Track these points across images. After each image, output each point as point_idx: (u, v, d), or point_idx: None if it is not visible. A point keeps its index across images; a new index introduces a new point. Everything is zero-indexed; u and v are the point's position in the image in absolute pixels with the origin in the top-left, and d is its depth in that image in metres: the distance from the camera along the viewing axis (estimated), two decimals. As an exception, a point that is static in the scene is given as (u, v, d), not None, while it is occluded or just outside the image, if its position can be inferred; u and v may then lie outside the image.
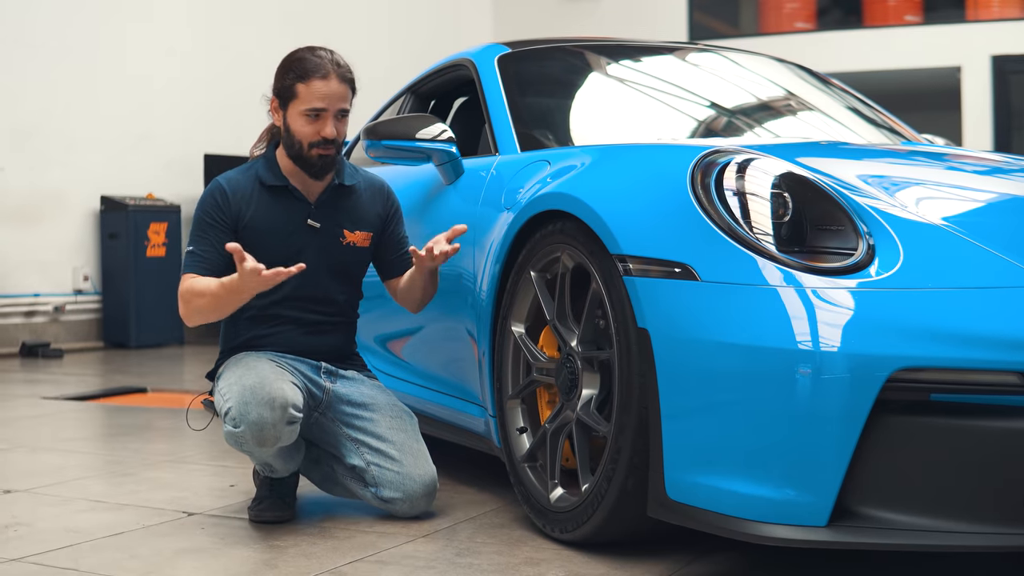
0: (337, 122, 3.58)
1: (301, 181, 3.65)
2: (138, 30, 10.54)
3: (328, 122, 3.56)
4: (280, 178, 3.64)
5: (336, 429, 3.62)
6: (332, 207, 3.69)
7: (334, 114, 3.57)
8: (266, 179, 3.63)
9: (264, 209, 3.61)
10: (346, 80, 3.59)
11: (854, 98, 4.88)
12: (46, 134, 9.78)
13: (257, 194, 3.62)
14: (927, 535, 2.49)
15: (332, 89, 3.55)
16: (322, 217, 3.66)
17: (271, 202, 3.62)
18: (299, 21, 11.94)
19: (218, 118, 11.12)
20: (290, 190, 3.64)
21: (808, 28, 13.19)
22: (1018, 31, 12.20)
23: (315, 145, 3.57)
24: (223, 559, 3.13)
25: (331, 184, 3.69)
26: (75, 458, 4.71)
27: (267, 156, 3.69)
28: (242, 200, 3.60)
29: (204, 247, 3.55)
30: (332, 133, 3.56)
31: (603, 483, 2.96)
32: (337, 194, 3.70)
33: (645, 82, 4.64)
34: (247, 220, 3.58)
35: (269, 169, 3.66)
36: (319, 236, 3.65)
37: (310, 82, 3.55)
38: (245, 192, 3.62)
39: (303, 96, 3.56)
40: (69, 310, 9.97)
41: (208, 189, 3.63)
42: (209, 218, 3.57)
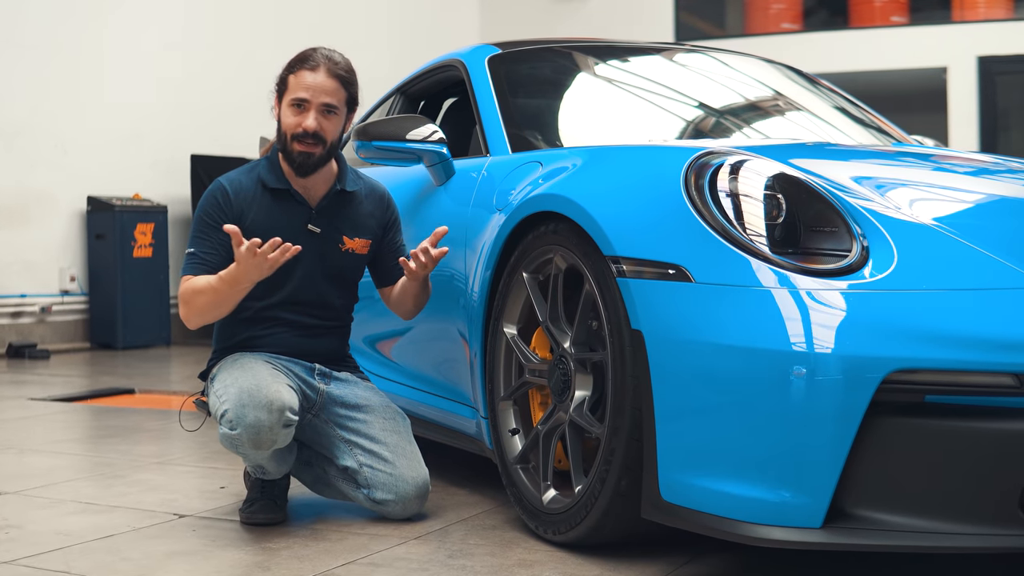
0: (322, 117, 3.55)
1: (302, 185, 3.64)
2: (127, 31, 10.50)
3: (310, 114, 3.53)
4: (282, 181, 3.62)
5: (329, 431, 3.61)
6: (333, 213, 3.67)
7: (318, 108, 3.54)
8: (268, 181, 3.61)
9: (265, 211, 3.60)
10: (337, 76, 3.56)
11: (843, 98, 4.89)
12: (34, 134, 9.75)
13: (259, 195, 3.61)
14: (922, 536, 2.49)
15: (318, 81, 3.53)
16: (322, 223, 3.65)
17: (272, 204, 3.61)
18: (287, 22, 11.92)
19: (205, 119, 11.09)
20: (292, 193, 3.62)
21: (794, 29, 13.21)
22: (1004, 32, 12.23)
23: (296, 138, 3.54)
24: (215, 561, 3.12)
25: (333, 189, 3.67)
26: (64, 460, 4.69)
27: (270, 158, 3.67)
28: (244, 201, 3.58)
29: (205, 249, 3.53)
30: (313, 126, 3.52)
31: (596, 484, 2.95)
32: (338, 200, 3.69)
33: (636, 83, 4.64)
34: (248, 222, 3.55)
35: (271, 171, 3.64)
36: (318, 241, 3.63)
37: (299, 72, 3.55)
38: (247, 193, 3.60)
39: (291, 86, 3.56)
40: (56, 311, 9.94)
41: (210, 189, 3.61)
42: (210, 219, 3.55)
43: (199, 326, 3.52)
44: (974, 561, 3.03)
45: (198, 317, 3.48)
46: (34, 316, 9.77)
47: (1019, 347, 2.48)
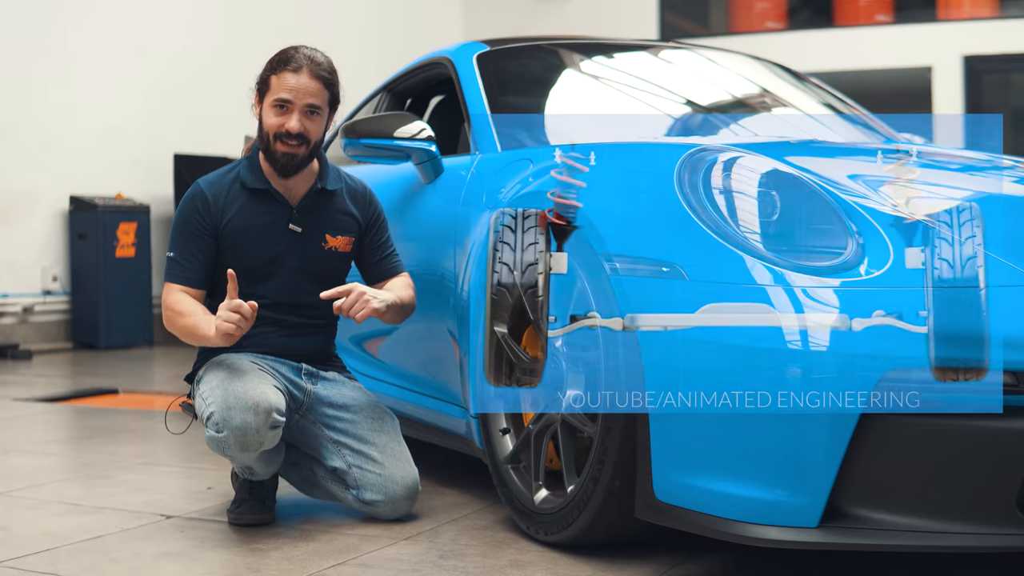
0: (305, 119, 3.53)
1: (282, 184, 3.61)
2: (110, 31, 10.44)
3: (293, 116, 3.51)
4: (262, 180, 3.60)
5: (317, 431, 3.58)
6: (314, 212, 3.64)
7: (301, 109, 3.52)
8: (248, 181, 3.59)
9: (245, 211, 3.57)
10: (319, 78, 3.54)
11: (831, 95, 4.88)
12: (17, 133, 9.68)
13: (238, 196, 3.58)
14: (918, 536, 2.48)
15: (301, 83, 3.51)
16: (304, 222, 3.62)
17: (252, 204, 3.58)
18: (270, 21, 11.87)
19: (188, 118, 11.03)
20: (272, 193, 3.60)
21: (779, 28, 13.20)
22: (989, 31, 12.24)
23: (279, 138, 3.52)
24: (204, 562, 3.09)
25: (313, 188, 3.64)
26: (49, 460, 4.65)
27: (250, 158, 3.64)
28: (223, 202, 3.56)
29: (185, 257, 3.53)
30: (296, 127, 3.50)
31: (589, 484, 2.93)
32: (319, 198, 3.66)
33: (626, 80, 4.62)
34: (227, 222, 3.54)
35: (251, 171, 3.61)
36: (300, 240, 3.60)
37: (281, 74, 3.52)
38: (226, 194, 3.58)
39: (273, 87, 3.53)
40: (38, 311, 9.87)
41: (188, 193, 3.59)
42: (189, 226, 3.53)
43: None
44: (971, 561, 3.02)
45: (178, 334, 3.54)
46: (16, 316, 9.71)
47: (1017, 345, 2.46)
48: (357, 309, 3.45)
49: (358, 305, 3.45)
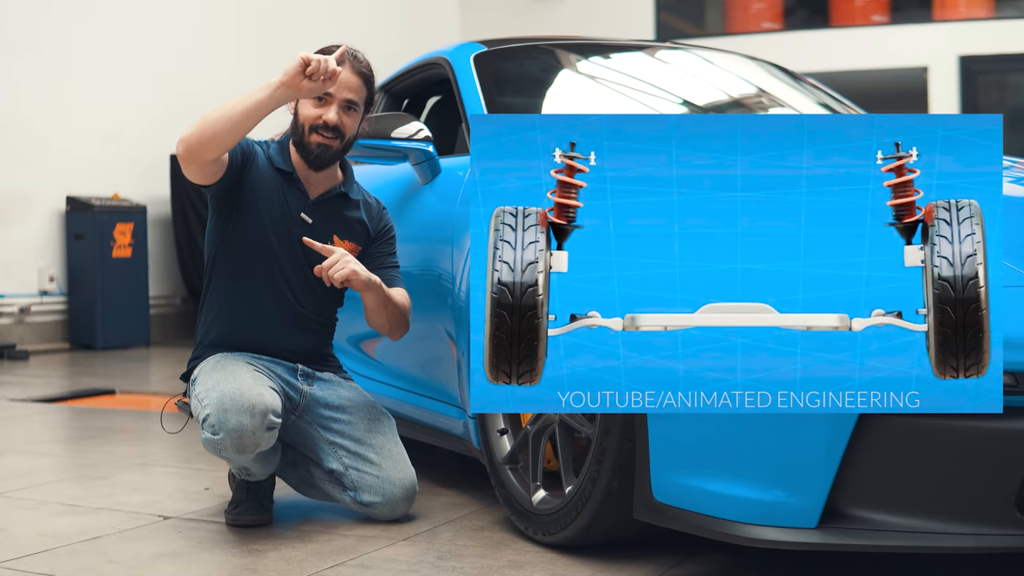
0: (343, 113, 3.56)
1: (305, 176, 3.63)
2: (107, 31, 10.44)
3: (332, 107, 3.54)
4: (287, 164, 3.63)
5: (313, 432, 3.58)
6: (328, 210, 3.66)
7: (340, 102, 3.55)
8: (275, 160, 3.62)
9: (268, 180, 3.60)
10: (360, 73, 3.58)
11: (827, 95, 4.88)
12: (13, 134, 9.68)
13: (266, 164, 3.62)
14: (917, 536, 2.48)
15: (343, 77, 3.52)
16: (316, 215, 3.63)
17: (274, 179, 3.61)
18: (266, 23, 11.88)
19: (185, 119, 10.90)
20: (294, 179, 3.62)
21: (775, 28, 13.21)
22: (985, 31, 12.25)
23: (316, 129, 3.54)
24: (202, 563, 3.09)
25: (334, 190, 3.67)
26: (46, 461, 4.65)
27: (281, 142, 3.69)
28: (256, 157, 3.59)
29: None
30: (334, 119, 3.53)
31: (587, 485, 2.93)
32: (336, 201, 3.68)
33: (623, 80, 4.62)
34: (251, 175, 3.56)
35: (280, 153, 3.65)
36: (310, 232, 3.59)
37: None
38: (259, 155, 3.62)
39: None
40: (35, 311, 9.87)
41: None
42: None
43: (198, 162, 3.36)
44: (970, 561, 3.02)
45: (212, 128, 3.29)
46: (13, 317, 9.70)
47: (1016, 345, 2.46)
48: (337, 269, 3.43)
49: (339, 264, 3.44)
